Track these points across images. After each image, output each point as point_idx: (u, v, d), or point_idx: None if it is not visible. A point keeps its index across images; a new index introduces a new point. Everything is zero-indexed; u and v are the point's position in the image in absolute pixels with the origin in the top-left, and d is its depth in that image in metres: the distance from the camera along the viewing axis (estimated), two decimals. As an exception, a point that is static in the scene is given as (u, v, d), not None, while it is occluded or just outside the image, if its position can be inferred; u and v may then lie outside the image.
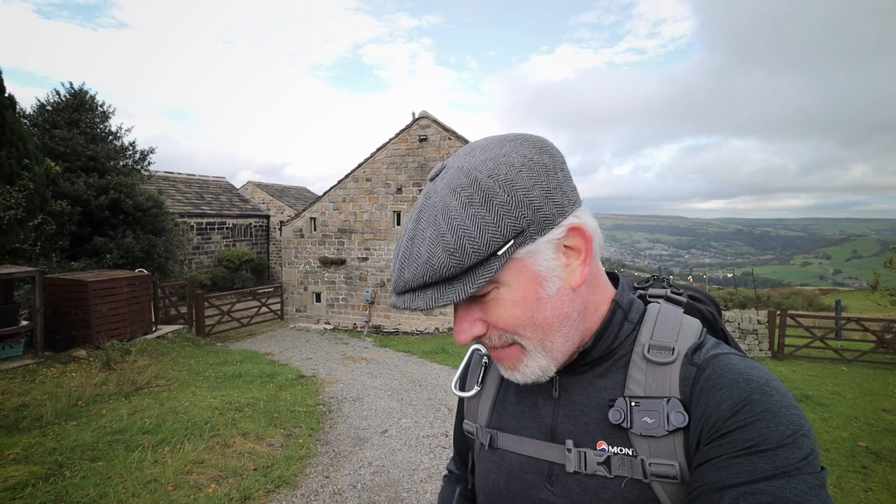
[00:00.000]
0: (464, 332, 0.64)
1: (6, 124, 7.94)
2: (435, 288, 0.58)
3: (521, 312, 0.62)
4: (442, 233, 0.58)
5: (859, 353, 9.44)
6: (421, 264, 0.58)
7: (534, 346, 0.64)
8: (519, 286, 0.61)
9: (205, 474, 4.00)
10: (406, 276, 0.59)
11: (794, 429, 0.54)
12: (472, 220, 0.57)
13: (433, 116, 12.65)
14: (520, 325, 0.62)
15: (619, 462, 0.62)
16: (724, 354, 0.63)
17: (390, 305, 0.66)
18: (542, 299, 0.62)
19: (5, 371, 6.59)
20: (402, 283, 0.60)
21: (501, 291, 0.61)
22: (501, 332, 0.63)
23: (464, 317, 0.64)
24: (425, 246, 0.58)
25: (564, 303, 0.63)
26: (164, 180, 18.38)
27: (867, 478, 4.35)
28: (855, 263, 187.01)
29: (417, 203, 0.64)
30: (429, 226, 0.59)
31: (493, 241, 0.57)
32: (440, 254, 0.57)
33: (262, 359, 8.95)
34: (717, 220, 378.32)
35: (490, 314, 0.63)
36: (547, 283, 0.62)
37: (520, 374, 0.66)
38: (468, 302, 0.63)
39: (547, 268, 0.62)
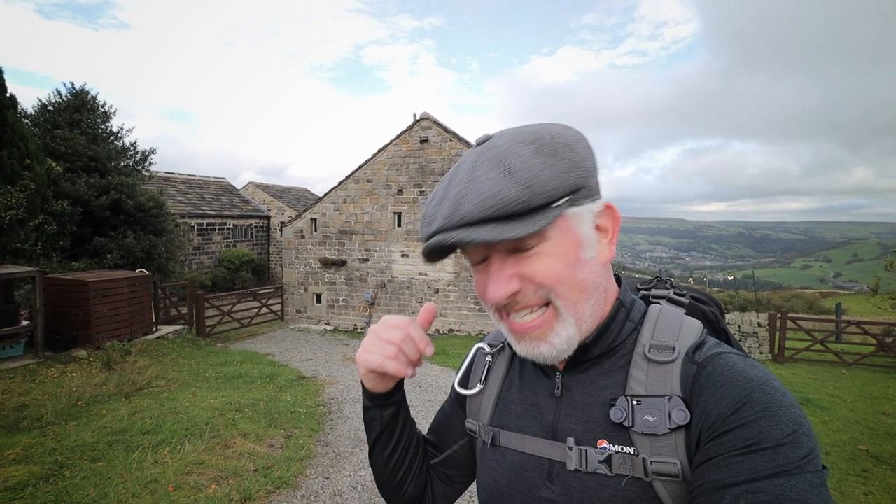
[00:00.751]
0: (501, 288, 0.63)
1: (7, 124, 7.95)
2: (494, 224, 0.59)
3: (564, 267, 0.63)
4: (514, 170, 0.59)
5: (860, 357, 9.43)
6: (487, 197, 0.58)
7: (567, 308, 0.64)
8: (562, 243, 0.63)
9: (205, 475, 4.00)
10: (465, 210, 0.59)
11: (795, 427, 0.54)
12: (542, 165, 0.60)
13: (434, 118, 12.66)
14: (560, 281, 0.63)
15: (621, 460, 0.62)
16: (724, 353, 0.63)
17: (431, 247, 0.62)
18: (581, 261, 0.64)
19: (6, 371, 6.59)
20: (457, 217, 0.60)
21: (545, 246, 0.62)
22: (538, 288, 0.63)
23: (500, 272, 0.64)
24: (491, 183, 0.59)
25: (596, 272, 0.66)
26: (165, 181, 18.39)
27: (868, 481, 4.34)
28: (855, 267, 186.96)
29: (465, 159, 0.65)
30: (493, 167, 0.60)
31: (559, 188, 0.60)
32: (512, 188, 0.58)
33: (263, 359, 8.95)
34: (717, 223, 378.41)
35: (530, 267, 0.63)
36: (586, 247, 0.65)
37: (547, 345, 0.65)
38: (504, 257, 0.64)
39: (586, 234, 0.65)
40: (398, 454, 0.83)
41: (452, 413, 0.89)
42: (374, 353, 0.72)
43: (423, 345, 0.73)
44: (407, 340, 0.72)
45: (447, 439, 0.89)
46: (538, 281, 0.63)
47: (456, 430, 0.88)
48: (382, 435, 0.82)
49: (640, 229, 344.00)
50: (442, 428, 0.91)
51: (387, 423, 0.81)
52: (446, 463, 0.88)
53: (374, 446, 0.83)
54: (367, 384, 0.77)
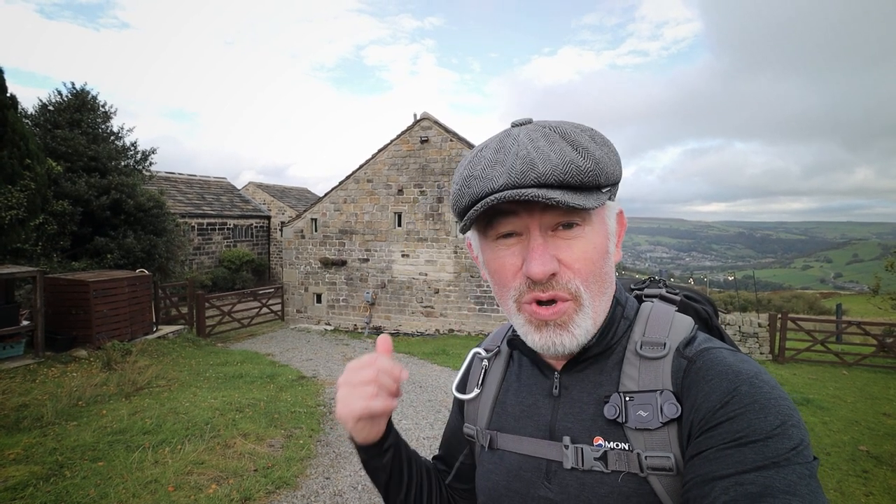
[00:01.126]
0: (545, 264, 0.62)
1: (8, 124, 7.95)
2: (566, 191, 0.60)
3: (598, 258, 0.65)
4: (582, 146, 0.61)
5: (860, 357, 9.43)
6: (564, 162, 0.59)
7: (590, 302, 0.65)
8: (600, 232, 0.65)
9: (205, 475, 4.00)
10: (541, 170, 0.59)
11: (783, 419, 0.54)
12: (601, 152, 0.63)
13: (434, 118, 12.67)
14: (592, 271, 0.64)
15: (616, 457, 0.63)
16: (714, 348, 0.64)
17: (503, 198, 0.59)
18: (607, 254, 0.67)
19: (6, 371, 6.59)
20: (532, 175, 0.59)
21: (587, 231, 0.64)
22: (572, 278, 0.63)
23: (544, 250, 0.63)
24: (561, 152, 0.60)
25: (612, 269, 0.68)
26: (166, 181, 18.40)
27: (868, 482, 4.34)
28: (856, 267, 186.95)
29: (514, 131, 0.65)
30: (557, 141, 0.62)
31: (612, 176, 0.63)
32: (587, 160, 0.60)
33: (263, 359, 8.95)
34: (718, 223, 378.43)
35: (570, 252, 0.63)
36: (611, 241, 0.68)
37: (568, 334, 0.65)
38: (546, 237, 0.64)
39: (612, 228, 0.68)
40: (413, 492, 0.82)
41: (456, 423, 0.89)
42: (355, 401, 0.69)
43: (397, 372, 0.72)
44: (381, 374, 0.70)
45: (455, 452, 0.89)
46: (576, 268, 0.63)
47: (460, 440, 0.87)
48: (391, 481, 0.80)
49: (640, 229, 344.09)
50: (449, 441, 0.92)
51: (391, 467, 0.79)
52: (459, 476, 0.88)
53: (388, 494, 0.81)
54: (359, 437, 0.74)
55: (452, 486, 0.89)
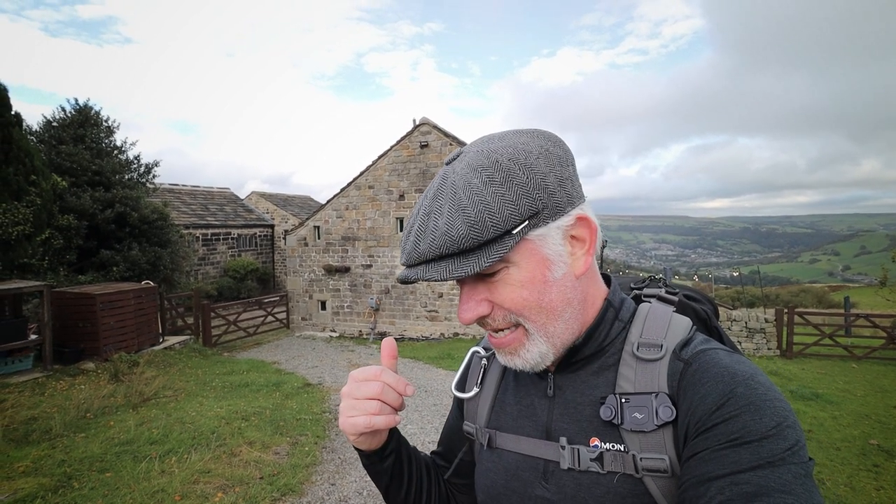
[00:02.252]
0: (469, 311, 0.65)
1: (13, 142, 8.04)
2: (450, 260, 0.60)
3: (529, 294, 0.63)
4: (463, 206, 0.60)
5: (869, 350, 9.34)
6: (439, 236, 0.60)
7: (537, 330, 0.65)
8: (528, 267, 0.63)
9: (211, 483, 4.01)
10: (422, 248, 0.61)
11: (779, 420, 0.54)
12: (493, 196, 0.60)
13: (434, 123, 12.71)
14: (526, 307, 0.64)
15: (612, 458, 0.63)
16: (710, 350, 0.64)
17: (399, 280, 0.66)
18: (548, 282, 0.64)
19: (15, 384, 6.65)
20: (416, 254, 0.62)
21: (511, 272, 0.63)
22: (507, 313, 0.65)
23: (470, 296, 0.66)
24: (444, 219, 0.60)
25: (568, 289, 0.66)
26: (169, 192, 18.54)
27: (879, 476, 4.30)
28: (864, 259, 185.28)
29: (434, 182, 0.66)
30: (447, 201, 0.61)
31: (511, 218, 0.60)
32: (460, 226, 0.59)
33: (269, 368, 8.98)
34: (722, 219, 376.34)
35: (497, 294, 0.64)
36: (554, 267, 0.64)
37: (520, 359, 0.67)
38: (475, 282, 0.65)
39: (555, 252, 0.64)
40: (414, 490, 0.83)
41: (455, 420, 0.91)
42: (357, 417, 0.69)
43: (402, 387, 0.70)
44: (385, 390, 0.69)
45: (454, 448, 0.90)
46: (507, 307, 0.64)
47: (459, 437, 0.88)
48: (392, 483, 0.81)
49: (644, 227, 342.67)
50: (448, 437, 0.93)
51: (392, 470, 0.80)
52: (458, 472, 0.89)
53: (388, 493, 0.83)
54: (361, 446, 0.75)
55: (451, 481, 0.90)
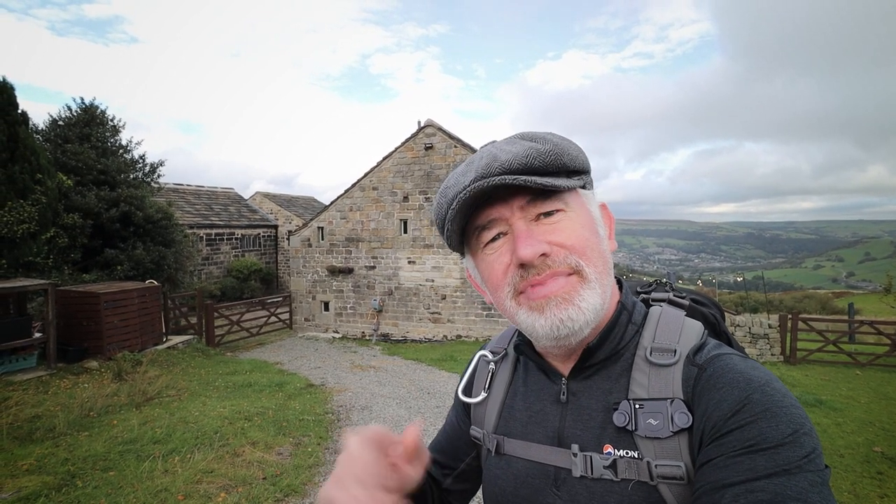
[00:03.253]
0: (532, 246, 0.61)
1: (19, 140, 8.09)
2: (530, 175, 0.62)
3: (590, 235, 0.66)
4: (540, 137, 0.65)
5: (874, 357, 9.30)
6: (525, 150, 0.63)
7: (595, 276, 0.64)
8: (582, 215, 0.67)
9: (214, 483, 4.02)
10: (503, 159, 0.62)
11: (795, 427, 0.53)
12: (564, 140, 0.66)
13: (438, 125, 12.72)
14: (589, 246, 0.65)
15: (626, 465, 0.62)
16: (725, 355, 0.63)
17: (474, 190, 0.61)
18: (599, 235, 0.68)
19: (19, 383, 6.67)
20: (496, 166, 0.62)
21: (569, 214, 0.65)
22: (567, 254, 0.63)
23: (530, 234, 0.63)
24: (521, 146, 0.64)
25: (607, 252, 0.69)
26: (174, 192, 18.60)
27: (883, 483, 4.27)
28: (868, 266, 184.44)
29: (484, 147, 0.68)
30: (517, 141, 0.66)
31: (578, 160, 0.66)
32: (568, 145, 0.65)
33: (272, 368, 8.99)
34: (726, 224, 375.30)
35: (558, 234, 0.64)
36: (598, 226, 0.69)
37: (574, 308, 0.62)
38: (531, 224, 0.65)
39: (596, 214, 0.70)
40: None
41: (461, 425, 0.88)
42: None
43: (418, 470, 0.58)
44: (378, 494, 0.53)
45: (458, 454, 0.88)
46: (569, 245, 0.63)
47: (466, 442, 0.86)
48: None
49: (648, 232, 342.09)
50: (451, 442, 0.89)
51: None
52: (461, 477, 0.87)
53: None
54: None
55: (449, 489, 0.87)
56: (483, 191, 0.62)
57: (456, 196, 0.64)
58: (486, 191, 0.62)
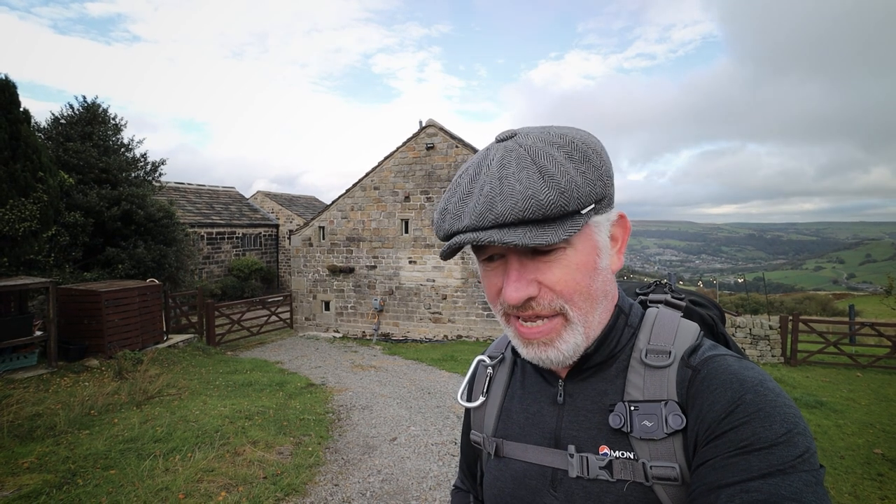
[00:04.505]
0: (521, 290, 0.62)
1: (21, 138, 8.10)
2: (528, 227, 0.58)
3: (582, 278, 0.63)
4: (550, 174, 0.58)
5: (874, 359, 9.29)
6: (524, 198, 0.57)
7: (579, 318, 0.64)
8: (584, 250, 0.63)
9: (215, 482, 4.02)
10: (499, 209, 0.57)
11: (789, 427, 0.54)
12: (576, 171, 0.59)
13: (440, 125, 12.72)
14: (576, 292, 0.63)
15: (621, 466, 0.63)
16: (719, 356, 0.64)
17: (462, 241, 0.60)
18: (598, 269, 0.65)
19: (20, 381, 6.68)
20: (491, 216, 0.58)
21: (568, 253, 0.62)
22: (554, 297, 0.63)
23: (521, 274, 0.63)
24: (526, 183, 0.58)
25: (608, 281, 0.67)
26: (175, 191, 18.61)
27: (883, 485, 4.27)
28: (869, 267, 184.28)
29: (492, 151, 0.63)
30: (525, 167, 0.59)
31: (589, 195, 0.60)
32: (549, 192, 0.57)
33: (272, 367, 8.99)
34: (727, 225, 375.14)
35: (550, 275, 0.62)
36: (602, 255, 0.65)
37: (555, 350, 0.65)
38: (525, 260, 0.63)
39: (603, 242, 0.66)
40: None
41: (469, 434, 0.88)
42: None
43: None
44: None
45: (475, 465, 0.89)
46: (557, 290, 0.63)
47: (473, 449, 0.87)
48: None
49: (649, 232, 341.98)
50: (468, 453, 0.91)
51: None
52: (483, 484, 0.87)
53: None
54: None
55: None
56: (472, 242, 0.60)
57: (449, 234, 0.63)
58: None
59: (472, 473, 0.90)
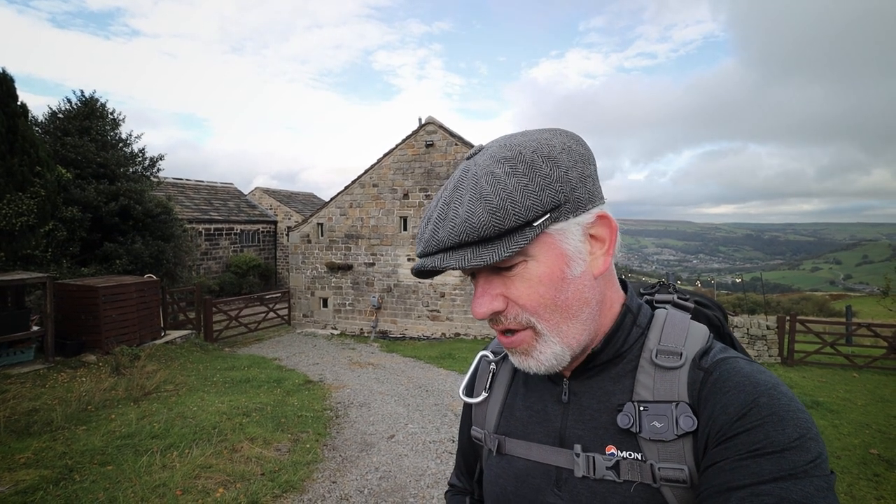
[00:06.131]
0: (483, 306, 0.64)
1: (18, 132, 8.06)
2: (469, 249, 0.59)
3: (545, 290, 0.62)
4: (485, 194, 0.59)
5: (871, 360, 9.32)
6: (459, 223, 0.59)
7: (549, 330, 0.64)
8: (546, 262, 0.62)
9: (213, 479, 4.01)
10: (440, 236, 0.60)
11: (802, 432, 0.54)
12: (516, 185, 0.59)
13: (439, 122, 12.70)
14: (541, 304, 0.62)
15: (629, 467, 0.62)
16: (731, 358, 0.63)
17: (413, 270, 0.65)
18: (566, 279, 0.63)
19: (17, 376, 6.66)
20: (435, 243, 0.61)
21: (529, 266, 0.62)
22: (519, 312, 0.63)
23: (486, 290, 0.64)
24: (464, 207, 0.59)
25: (586, 288, 0.64)
26: (173, 186, 18.55)
27: (879, 485, 4.29)
28: (866, 268, 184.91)
29: (454, 175, 0.65)
30: (468, 190, 0.60)
31: (533, 208, 0.59)
32: (481, 213, 0.58)
33: (270, 364, 8.98)
34: (725, 225, 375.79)
35: (514, 289, 0.63)
36: (573, 263, 0.63)
37: (534, 360, 0.65)
38: (490, 275, 0.64)
39: (574, 249, 0.63)
40: None
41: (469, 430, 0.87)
42: None
43: None
44: None
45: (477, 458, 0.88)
46: (521, 304, 0.63)
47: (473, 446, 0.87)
48: None
49: (647, 232, 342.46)
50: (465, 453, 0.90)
51: None
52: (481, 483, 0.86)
53: None
54: None
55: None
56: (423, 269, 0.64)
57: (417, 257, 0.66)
58: None
59: (471, 471, 0.89)
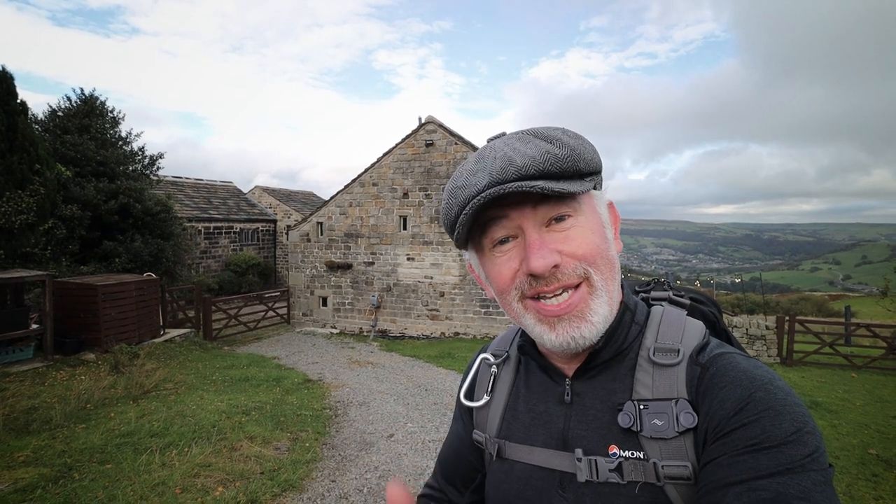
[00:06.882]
0: (545, 257, 0.61)
1: (18, 130, 8.05)
2: (546, 180, 0.61)
3: (600, 241, 0.65)
4: (555, 139, 0.63)
5: (869, 360, 9.33)
6: (540, 153, 0.61)
7: (603, 284, 0.64)
8: (593, 218, 0.66)
9: (212, 477, 4.01)
10: (519, 164, 0.61)
11: (799, 426, 0.54)
12: (577, 140, 0.65)
13: (439, 121, 12.70)
14: (598, 254, 0.64)
15: (631, 467, 0.62)
16: (728, 354, 0.63)
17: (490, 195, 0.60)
18: (607, 239, 0.67)
19: (16, 374, 6.66)
20: (512, 170, 0.60)
21: (579, 220, 0.64)
22: (577, 264, 0.63)
23: (542, 244, 0.63)
24: (537, 148, 0.62)
25: (614, 256, 0.68)
26: (173, 185, 18.54)
27: (878, 486, 4.29)
28: (865, 269, 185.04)
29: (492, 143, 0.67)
30: (531, 140, 0.63)
31: (594, 161, 0.65)
32: (561, 148, 0.62)
33: (269, 363, 8.98)
34: (724, 225, 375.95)
35: (569, 242, 0.63)
36: (606, 229, 0.68)
37: (587, 324, 0.63)
38: (544, 232, 0.64)
39: (604, 217, 0.69)
40: None
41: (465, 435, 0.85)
42: None
43: None
44: None
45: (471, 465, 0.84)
46: (580, 254, 0.63)
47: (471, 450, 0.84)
48: None
49: (646, 232, 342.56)
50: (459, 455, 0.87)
51: None
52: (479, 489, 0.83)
53: None
54: None
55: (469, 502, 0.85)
56: (497, 196, 0.61)
57: (469, 200, 0.63)
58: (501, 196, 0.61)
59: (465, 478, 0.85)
